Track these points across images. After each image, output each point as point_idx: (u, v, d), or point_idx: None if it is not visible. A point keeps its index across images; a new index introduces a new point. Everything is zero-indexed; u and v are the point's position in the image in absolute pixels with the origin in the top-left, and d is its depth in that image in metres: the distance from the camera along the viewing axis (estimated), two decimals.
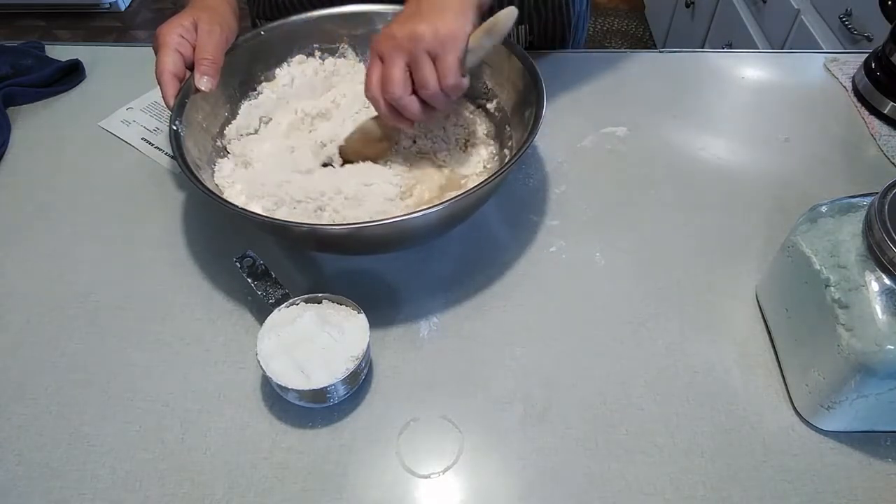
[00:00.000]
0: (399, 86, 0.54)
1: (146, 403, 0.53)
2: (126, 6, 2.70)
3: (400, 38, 0.53)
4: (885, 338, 0.42)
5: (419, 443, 0.51)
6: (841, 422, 0.49)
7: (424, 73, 0.53)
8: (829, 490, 0.48)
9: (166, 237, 0.65)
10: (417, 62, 0.53)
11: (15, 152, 0.75)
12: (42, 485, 0.49)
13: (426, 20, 0.53)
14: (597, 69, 0.84)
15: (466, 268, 0.62)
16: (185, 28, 0.61)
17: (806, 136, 0.75)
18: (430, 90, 0.54)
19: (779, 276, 0.55)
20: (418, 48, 0.53)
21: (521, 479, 0.49)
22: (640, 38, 2.49)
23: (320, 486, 0.48)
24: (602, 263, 0.63)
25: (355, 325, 0.52)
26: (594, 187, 0.70)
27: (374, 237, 0.55)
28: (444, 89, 0.54)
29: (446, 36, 0.53)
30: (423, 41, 0.53)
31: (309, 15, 0.71)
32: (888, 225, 0.43)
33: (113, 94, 0.81)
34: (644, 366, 0.55)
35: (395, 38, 0.54)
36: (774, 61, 0.87)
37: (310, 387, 0.48)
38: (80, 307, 0.60)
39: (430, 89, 0.54)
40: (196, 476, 0.49)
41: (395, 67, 0.54)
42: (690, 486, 0.48)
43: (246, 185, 0.63)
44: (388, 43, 0.54)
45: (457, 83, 0.54)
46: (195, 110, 0.62)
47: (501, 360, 0.56)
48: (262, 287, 0.55)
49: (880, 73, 0.76)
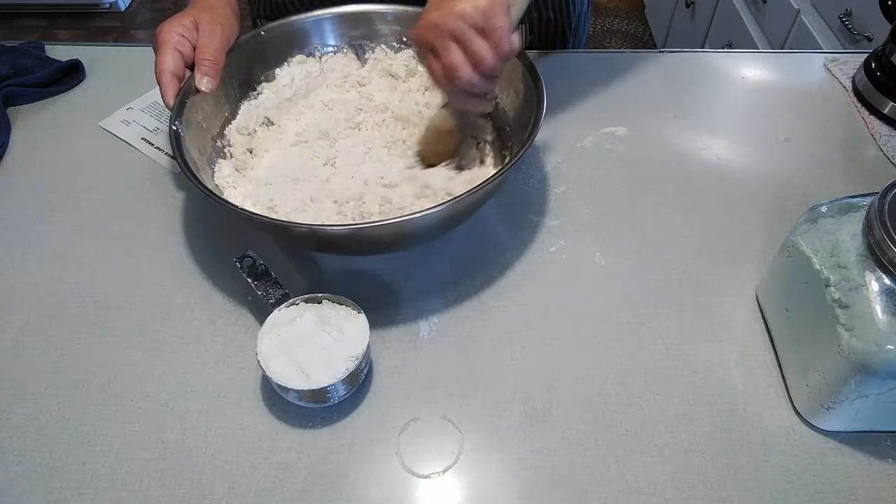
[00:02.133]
0: (465, 70, 0.53)
1: (146, 403, 0.53)
2: (126, 6, 2.70)
3: (442, 22, 0.52)
4: (885, 338, 0.42)
5: (419, 443, 0.51)
6: (841, 422, 0.49)
7: (479, 51, 0.52)
8: (829, 490, 0.48)
9: (166, 237, 0.65)
10: (468, 41, 0.52)
11: (15, 152, 0.75)
12: (42, 485, 0.49)
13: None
14: (597, 69, 0.84)
15: (466, 268, 0.62)
16: (185, 27, 0.61)
17: (806, 136, 0.75)
18: (489, 64, 0.53)
19: (779, 276, 0.55)
20: (464, 27, 0.51)
21: (521, 479, 0.49)
22: (640, 38, 2.49)
23: (320, 486, 0.48)
24: (602, 263, 0.63)
25: (355, 325, 0.52)
26: (594, 187, 0.70)
27: (373, 237, 0.55)
28: (500, 57, 0.53)
29: (487, 5, 0.51)
30: (466, 18, 0.51)
31: (309, 15, 0.71)
32: (888, 225, 0.43)
33: (113, 94, 0.81)
34: (644, 366, 0.55)
35: (437, 24, 0.52)
36: (774, 61, 0.87)
37: (310, 387, 0.48)
38: (80, 307, 0.60)
39: (487, 64, 0.52)
40: (196, 476, 0.49)
41: (451, 53, 0.53)
42: (690, 486, 0.48)
43: (250, 180, 0.63)
44: (433, 32, 0.53)
45: (511, 48, 0.53)
46: (195, 110, 0.62)
47: (501, 360, 0.56)
48: (262, 287, 0.55)
49: (880, 73, 0.76)
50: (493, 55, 0.52)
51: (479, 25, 0.51)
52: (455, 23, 0.51)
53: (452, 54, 0.53)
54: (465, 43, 0.52)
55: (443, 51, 0.53)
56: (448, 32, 0.52)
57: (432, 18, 0.53)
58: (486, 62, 0.52)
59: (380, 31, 0.73)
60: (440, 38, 0.53)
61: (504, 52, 0.53)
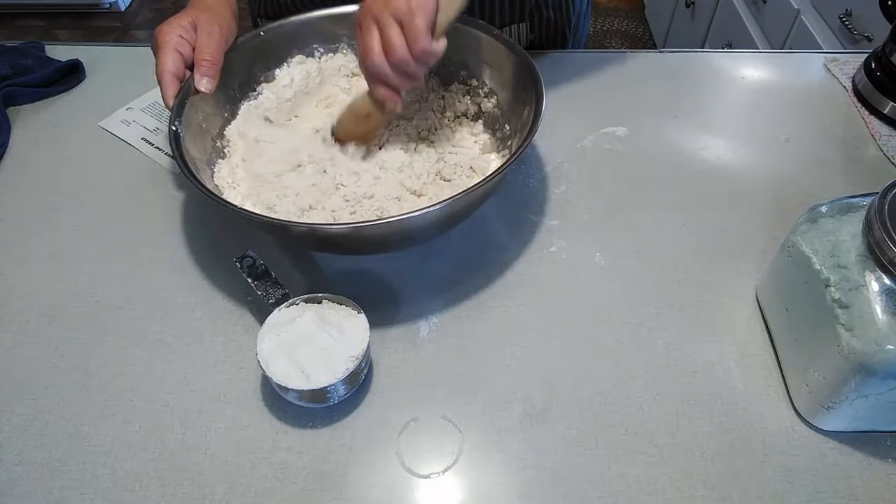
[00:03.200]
0: (376, 54, 0.55)
1: (146, 403, 0.53)
2: (126, 6, 2.70)
3: (373, 6, 0.55)
4: (885, 338, 0.42)
5: (419, 443, 0.51)
6: (841, 422, 0.49)
7: (391, 38, 0.54)
8: (829, 490, 0.48)
9: (166, 237, 0.65)
10: (385, 27, 0.54)
11: (15, 152, 0.75)
12: (42, 485, 0.49)
13: None
14: (597, 69, 0.84)
15: (466, 268, 0.62)
16: (184, 28, 0.61)
17: (806, 136, 0.75)
18: (398, 55, 0.54)
19: (779, 276, 0.55)
20: (386, 15, 0.54)
21: (521, 479, 0.49)
22: (640, 38, 2.49)
23: (320, 486, 0.48)
24: (602, 263, 0.63)
25: (355, 325, 0.52)
26: (594, 187, 0.70)
27: (373, 237, 0.55)
28: (413, 55, 0.54)
29: (415, 3, 0.53)
30: (391, 8, 0.53)
31: (309, 15, 0.71)
32: (888, 225, 0.43)
33: (113, 94, 0.81)
34: (644, 366, 0.55)
35: (369, 7, 0.55)
36: (774, 61, 0.87)
37: (310, 387, 0.48)
38: (80, 307, 0.60)
39: (397, 54, 0.54)
40: (196, 476, 0.49)
41: (370, 35, 0.55)
42: (690, 486, 0.48)
43: (250, 181, 0.63)
44: (363, 12, 0.56)
45: (426, 48, 0.54)
46: (195, 111, 0.62)
47: (501, 360, 0.56)
48: (262, 287, 0.55)
49: (880, 73, 0.76)
50: (403, 48, 0.54)
51: (399, 18, 0.54)
52: (380, 10, 0.54)
53: (370, 36, 0.55)
54: (382, 29, 0.55)
55: (364, 31, 0.56)
56: (373, 16, 0.55)
57: (369, 1, 0.56)
58: (396, 52, 0.54)
59: None
60: (365, 20, 0.56)
61: (417, 49, 0.54)
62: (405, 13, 0.53)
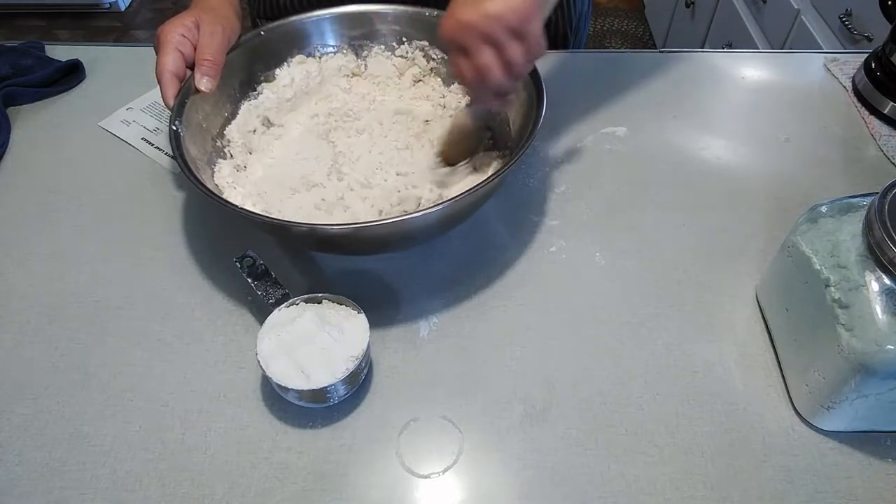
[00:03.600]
0: (498, 73, 0.52)
1: (146, 403, 0.53)
2: (126, 6, 2.70)
3: (476, 22, 0.50)
4: (885, 338, 0.42)
5: (419, 443, 0.51)
6: (841, 422, 0.49)
7: (513, 55, 0.51)
8: (829, 490, 0.48)
9: (166, 237, 0.65)
10: (503, 44, 0.51)
11: (15, 152, 0.75)
12: (42, 485, 0.49)
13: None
14: (597, 69, 0.84)
15: (466, 268, 0.62)
16: (186, 28, 0.61)
17: (806, 136, 0.75)
18: (521, 68, 0.53)
19: (779, 276, 0.55)
20: (500, 30, 0.50)
21: (521, 479, 0.49)
22: (640, 38, 2.49)
23: (320, 486, 0.48)
24: (602, 263, 0.63)
25: (355, 325, 0.52)
26: (594, 187, 0.70)
27: (373, 237, 0.55)
28: (531, 60, 0.53)
29: (521, 7, 0.50)
30: (502, 20, 0.50)
31: (309, 15, 0.71)
32: (888, 225, 0.43)
33: (113, 94, 0.81)
34: (644, 366, 0.55)
35: (470, 24, 0.51)
36: (774, 61, 0.87)
37: (310, 387, 0.48)
38: (80, 307, 0.60)
39: (520, 68, 0.53)
40: (196, 476, 0.49)
41: (485, 56, 0.52)
42: (690, 486, 0.48)
43: (253, 185, 0.63)
44: (466, 33, 0.52)
45: (542, 51, 0.53)
46: (195, 110, 0.62)
47: (501, 360, 0.56)
48: (262, 287, 0.55)
49: (880, 73, 0.76)
50: (525, 59, 0.52)
51: (514, 29, 0.51)
52: (491, 26, 0.50)
53: (486, 57, 0.52)
54: (499, 46, 0.51)
55: (476, 53, 0.52)
56: (483, 35, 0.51)
57: (466, 19, 0.51)
58: (518, 66, 0.52)
59: (379, 32, 0.73)
60: (474, 40, 0.52)
61: (536, 55, 0.53)
62: (520, 22, 0.50)
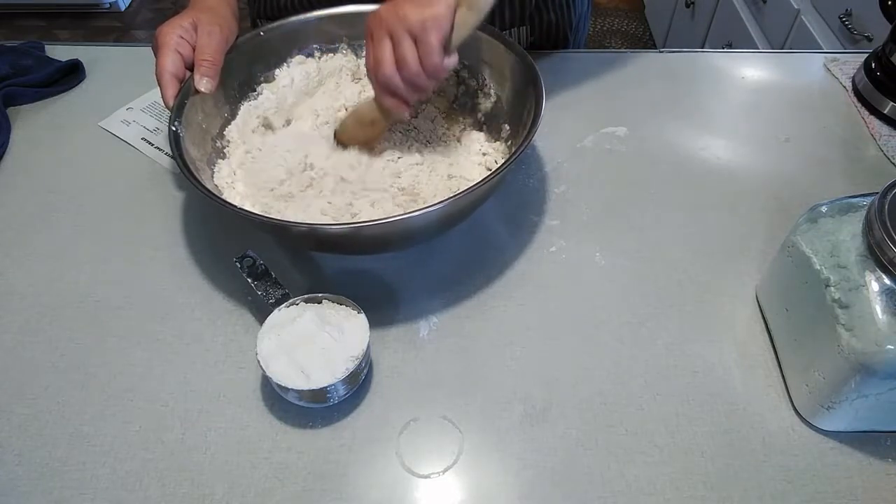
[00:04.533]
0: (387, 65, 0.55)
1: (146, 403, 0.53)
2: (126, 6, 2.70)
3: (386, 17, 0.55)
4: (885, 338, 0.42)
5: (419, 443, 0.51)
6: (841, 422, 0.49)
7: (404, 53, 0.54)
8: (829, 490, 0.48)
9: (166, 237, 0.65)
10: (398, 41, 0.54)
11: (15, 152, 0.75)
12: (42, 485, 0.49)
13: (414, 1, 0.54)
14: (597, 69, 0.84)
15: (466, 268, 0.62)
16: (184, 28, 0.61)
17: (806, 136, 0.75)
18: (411, 70, 0.54)
19: (779, 276, 0.55)
20: (400, 27, 0.54)
21: (521, 479, 0.49)
22: (640, 38, 2.49)
23: (320, 486, 0.48)
24: (602, 263, 0.63)
25: (355, 325, 0.52)
26: (594, 187, 0.70)
27: (373, 237, 0.55)
28: (425, 70, 0.55)
29: (429, 16, 0.53)
30: (405, 21, 0.53)
31: (308, 15, 0.71)
32: (888, 225, 0.43)
33: (113, 94, 0.81)
34: (644, 366, 0.55)
35: (382, 17, 0.55)
36: (774, 61, 0.87)
37: (310, 387, 0.48)
38: (80, 307, 0.60)
39: (410, 69, 0.54)
40: (196, 476, 0.49)
41: (383, 48, 0.55)
42: (690, 486, 0.48)
43: (249, 183, 0.63)
44: (375, 22, 0.56)
45: (437, 63, 0.54)
46: (195, 111, 0.62)
47: (501, 360, 0.56)
48: (262, 287, 0.55)
49: (880, 73, 0.76)
50: (416, 63, 0.54)
51: (413, 32, 0.54)
52: (394, 22, 0.54)
53: (382, 48, 0.55)
54: (395, 43, 0.55)
55: (377, 42, 0.56)
56: (386, 27, 0.55)
57: (381, 11, 0.56)
58: (408, 67, 0.54)
59: None
60: (378, 30, 0.55)
61: (429, 65, 0.54)
62: (419, 29, 0.53)
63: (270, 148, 0.67)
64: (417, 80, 0.55)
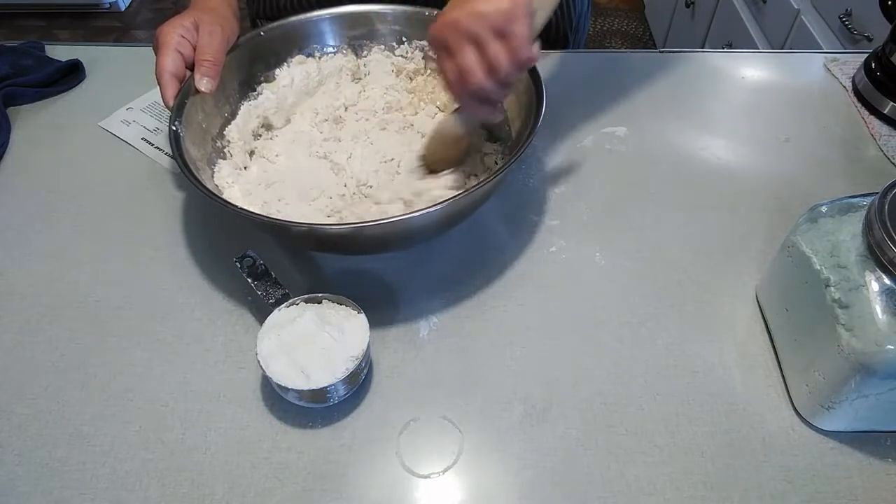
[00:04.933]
0: (478, 74, 0.50)
1: (146, 403, 0.53)
2: (126, 6, 2.70)
3: (460, 22, 0.49)
4: (885, 338, 0.42)
5: (419, 443, 0.51)
6: (841, 422, 0.49)
7: (496, 55, 0.49)
8: (829, 490, 0.48)
9: (166, 237, 0.65)
10: (485, 43, 0.49)
11: (15, 152, 0.75)
12: (42, 485, 0.49)
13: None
14: (597, 69, 0.84)
15: (466, 268, 0.62)
16: (185, 28, 0.61)
17: (806, 136, 0.75)
18: (504, 71, 0.50)
19: (779, 276, 0.55)
20: (482, 29, 0.48)
21: (521, 479, 0.49)
22: (640, 38, 2.49)
23: (320, 486, 0.48)
24: (602, 263, 0.63)
25: (355, 325, 0.52)
26: (594, 187, 0.70)
27: (373, 237, 0.55)
28: (519, 65, 0.50)
29: (510, 7, 0.48)
30: (486, 20, 0.48)
31: (309, 15, 0.71)
32: (888, 225, 0.43)
33: (113, 94, 0.81)
34: (644, 366, 0.55)
35: (455, 24, 0.49)
36: (774, 61, 0.87)
37: (310, 387, 0.48)
38: (80, 307, 0.60)
39: (502, 70, 0.50)
40: (196, 476, 0.49)
41: (466, 55, 0.50)
42: (690, 486, 0.48)
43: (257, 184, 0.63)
44: (449, 31, 0.50)
45: (529, 56, 0.50)
46: (195, 111, 0.62)
47: (501, 360, 0.56)
48: (262, 287, 0.55)
49: (880, 73, 0.76)
50: (509, 62, 0.50)
51: (498, 28, 0.49)
52: (473, 24, 0.49)
53: (467, 56, 0.50)
54: (481, 46, 0.49)
55: (458, 52, 0.50)
56: (465, 33, 0.49)
57: (451, 17, 0.50)
58: (501, 68, 0.50)
59: (379, 32, 0.73)
60: (456, 39, 0.50)
61: (521, 60, 0.50)
62: (505, 22, 0.48)
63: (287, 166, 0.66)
64: (510, 78, 0.51)
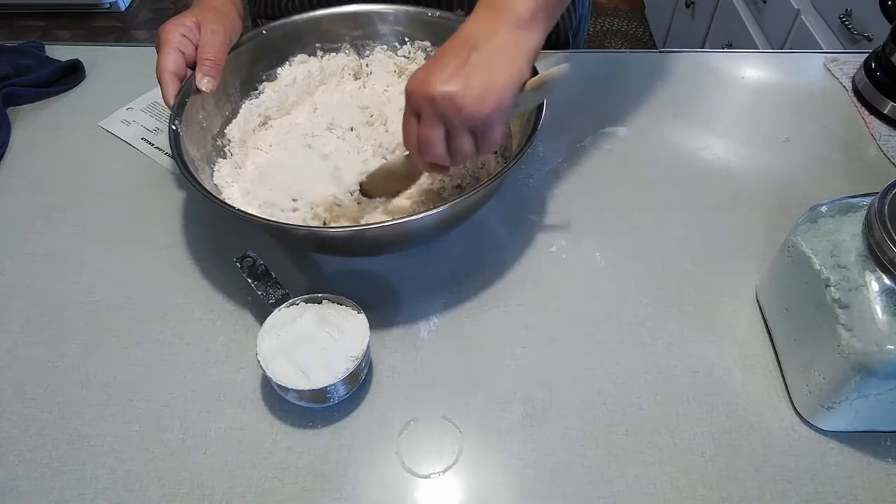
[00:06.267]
0: (440, 152, 0.50)
1: (146, 403, 0.53)
2: (126, 6, 2.70)
3: (439, 103, 0.47)
4: (885, 338, 0.42)
5: (419, 443, 0.51)
6: (841, 422, 0.49)
7: (462, 147, 0.49)
8: (829, 490, 0.48)
9: (166, 237, 0.65)
10: (456, 135, 0.49)
11: (15, 152, 0.75)
12: (42, 485, 0.49)
13: (472, 79, 0.46)
14: (597, 69, 0.84)
15: (466, 268, 0.62)
16: (187, 27, 0.61)
17: (806, 136, 0.75)
18: (467, 158, 0.51)
19: (779, 276, 0.55)
20: (459, 121, 0.47)
21: (521, 479, 0.49)
22: (640, 38, 2.49)
23: (320, 486, 0.48)
24: (602, 263, 0.63)
25: (355, 325, 0.52)
26: (594, 187, 0.70)
27: (374, 239, 0.55)
28: (481, 154, 0.51)
29: (492, 111, 0.47)
30: (463, 113, 0.46)
31: (310, 14, 0.71)
32: (888, 225, 0.43)
33: (113, 94, 0.81)
34: (644, 366, 0.55)
35: (434, 101, 0.47)
36: (774, 61, 0.87)
37: (310, 387, 0.48)
38: (80, 307, 0.60)
39: (465, 158, 0.51)
40: (196, 476, 0.49)
41: (434, 133, 0.49)
42: (690, 486, 0.48)
43: (253, 183, 0.63)
44: (425, 101, 0.47)
45: (496, 147, 0.51)
46: (195, 110, 0.62)
47: (501, 360, 0.56)
48: (262, 287, 0.55)
49: (880, 73, 0.76)
50: (473, 152, 0.50)
51: (475, 128, 0.48)
52: (450, 113, 0.47)
53: (433, 133, 0.49)
54: (453, 134, 0.49)
55: (427, 126, 0.49)
56: (439, 115, 0.48)
57: (432, 90, 0.47)
58: (464, 155, 0.50)
59: (381, 31, 0.73)
60: (428, 114, 0.48)
61: (486, 152, 0.51)
62: (483, 128, 0.48)
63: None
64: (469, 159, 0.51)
